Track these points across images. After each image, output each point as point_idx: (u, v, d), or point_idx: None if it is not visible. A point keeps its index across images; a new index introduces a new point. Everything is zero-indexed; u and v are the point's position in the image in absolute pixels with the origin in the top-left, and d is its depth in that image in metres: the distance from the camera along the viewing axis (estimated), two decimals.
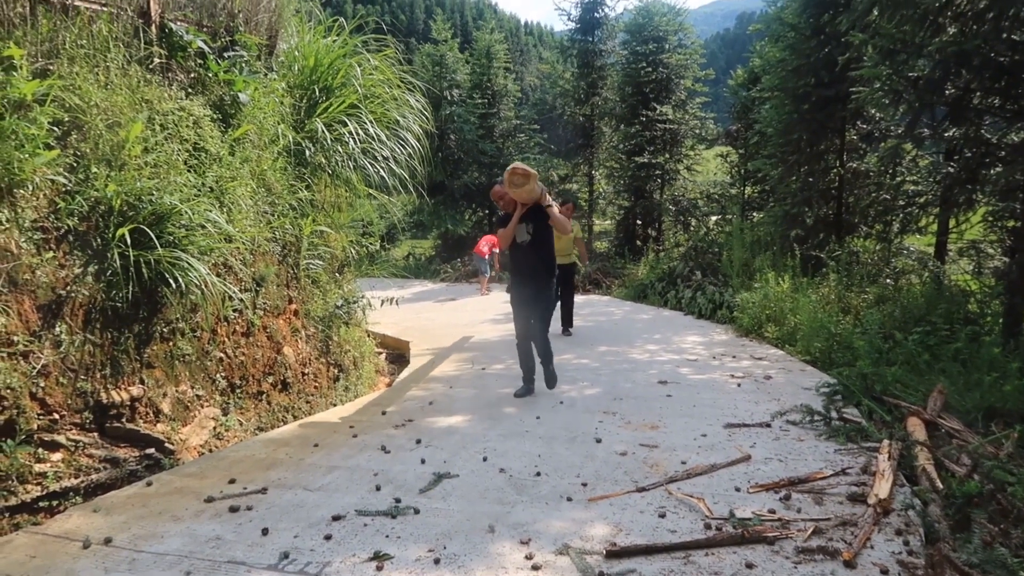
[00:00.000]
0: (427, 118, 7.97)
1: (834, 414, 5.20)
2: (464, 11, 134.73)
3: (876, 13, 7.24)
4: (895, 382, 5.73)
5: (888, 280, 9.37)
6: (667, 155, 18.04)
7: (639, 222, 19.00)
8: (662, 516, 3.58)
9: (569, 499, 3.84)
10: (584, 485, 4.05)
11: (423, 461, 4.52)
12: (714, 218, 18.06)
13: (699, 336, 9.43)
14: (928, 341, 6.41)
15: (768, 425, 5.18)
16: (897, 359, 6.32)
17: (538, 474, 4.26)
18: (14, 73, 4.07)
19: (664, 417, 5.51)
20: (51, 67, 4.47)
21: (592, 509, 3.71)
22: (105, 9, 4.98)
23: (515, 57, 36.38)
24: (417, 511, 3.69)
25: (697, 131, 18.44)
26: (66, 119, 4.40)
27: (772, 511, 3.57)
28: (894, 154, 9.14)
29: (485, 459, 4.55)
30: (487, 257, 15.51)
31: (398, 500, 3.84)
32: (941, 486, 3.71)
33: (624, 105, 18.59)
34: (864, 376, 5.84)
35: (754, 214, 15.94)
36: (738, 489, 3.93)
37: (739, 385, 6.51)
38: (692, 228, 17.79)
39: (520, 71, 39.70)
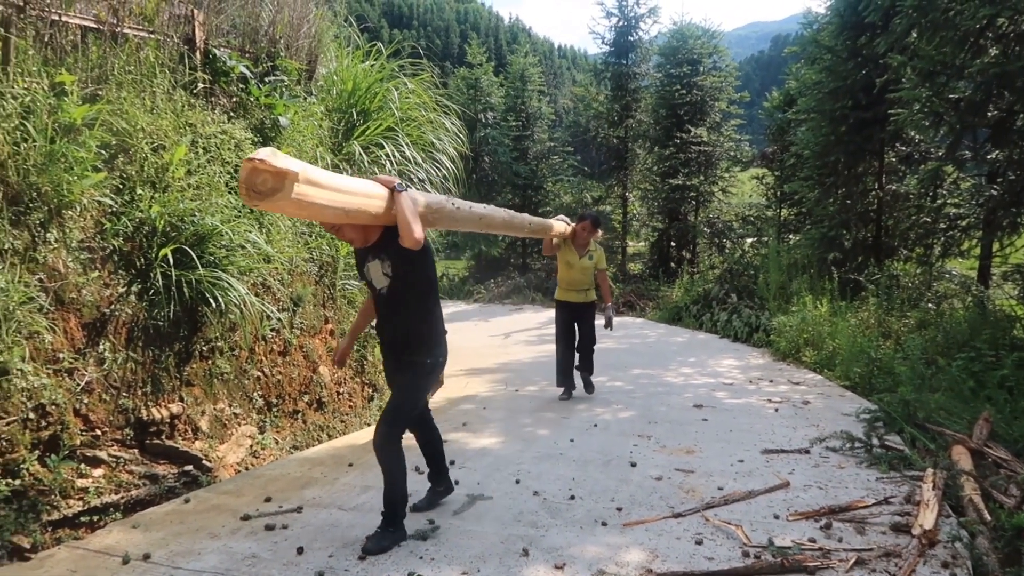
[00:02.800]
0: (462, 140, 8.05)
1: (876, 441, 5.08)
2: (499, 35, 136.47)
3: (915, 35, 7.19)
4: (939, 409, 5.58)
5: (930, 304, 9.17)
6: (702, 177, 17.96)
7: (673, 244, 18.89)
8: (699, 543, 3.52)
9: (604, 524, 3.80)
10: (619, 510, 4.01)
11: (457, 482, 4.50)
12: (749, 240, 17.87)
13: (735, 360, 9.31)
14: (973, 367, 6.24)
15: (807, 451, 5.08)
16: (940, 386, 6.16)
17: (572, 497, 4.22)
18: (65, 98, 4.21)
19: (700, 442, 5.43)
20: (100, 92, 4.61)
21: (627, 534, 3.67)
22: (152, 36, 5.13)
23: (549, 80, 36.59)
24: (451, 533, 3.68)
25: (732, 153, 18.34)
26: (113, 142, 4.53)
27: (812, 540, 3.50)
28: (935, 176, 8.99)
29: (518, 481, 4.53)
30: None
31: (432, 521, 3.83)
32: (989, 517, 3.60)
33: (658, 127, 18.57)
34: (906, 403, 5.70)
35: (790, 236, 15.75)
36: (777, 517, 3.85)
37: (776, 410, 6.40)
38: (727, 250, 17.61)
39: (554, 94, 39.96)
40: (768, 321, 10.52)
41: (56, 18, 4.50)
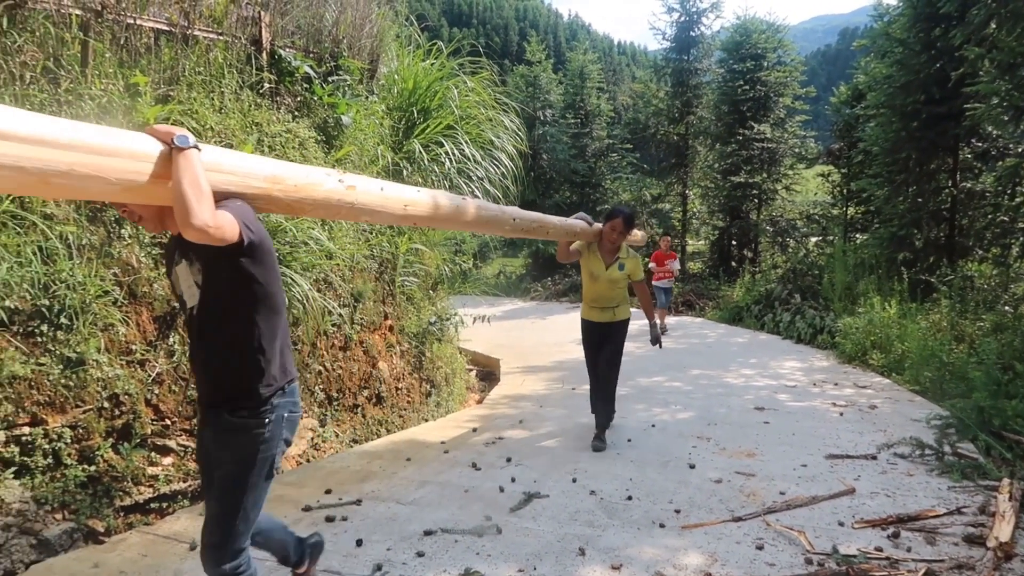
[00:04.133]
0: (521, 138, 8.05)
1: (947, 448, 4.90)
2: (558, 32, 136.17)
3: (994, 26, 6.89)
4: (1016, 416, 5.34)
5: (1007, 307, 8.78)
6: (764, 175, 17.56)
7: (734, 243, 18.55)
8: (760, 548, 3.45)
9: (662, 525, 3.76)
10: (677, 512, 3.95)
11: (513, 480, 4.52)
12: (814, 239, 17.43)
13: (798, 362, 9.09)
14: None
15: (874, 457, 4.92)
16: (1018, 392, 5.88)
17: (629, 498, 4.19)
18: (139, 99, 4.36)
19: (761, 445, 5.32)
20: (172, 93, 4.76)
21: (686, 537, 3.62)
22: (221, 38, 5.28)
23: (608, 77, 36.39)
24: (507, 530, 3.68)
25: (796, 150, 17.89)
26: None
27: (879, 549, 3.39)
28: (1014, 173, 8.61)
29: (575, 480, 4.51)
30: (668, 281, 11.81)
31: (488, 518, 3.85)
32: None
33: (720, 124, 18.26)
34: (981, 409, 5.47)
35: (857, 236, 15.30)
36: (841, 524, 3.75)
37: (841, 414, 6.22)
38: (790, 249, 17.21)
39: (613, 91, 39.69)
40: (833, 323, 10.25)
41: (131, 21, 4.66)
